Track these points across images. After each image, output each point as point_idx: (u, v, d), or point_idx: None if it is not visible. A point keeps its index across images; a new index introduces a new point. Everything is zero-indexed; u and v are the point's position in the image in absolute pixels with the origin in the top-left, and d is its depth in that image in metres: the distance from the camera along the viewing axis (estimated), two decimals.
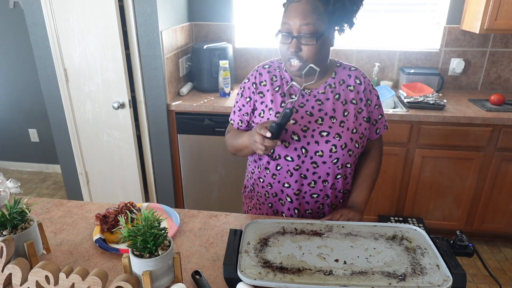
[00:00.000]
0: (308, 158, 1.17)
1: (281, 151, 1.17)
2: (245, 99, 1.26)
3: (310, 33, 1.06)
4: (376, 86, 2.76)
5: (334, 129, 1.15)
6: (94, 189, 2.74)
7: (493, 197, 2.44)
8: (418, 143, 2.36)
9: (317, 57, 1.11)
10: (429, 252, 0.93)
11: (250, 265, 0.89)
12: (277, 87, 1.22)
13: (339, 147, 1.15)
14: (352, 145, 1.17)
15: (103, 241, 1.07)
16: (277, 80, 1.22)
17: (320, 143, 1.15)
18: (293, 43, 1.08)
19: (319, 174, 1.19)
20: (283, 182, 1.22)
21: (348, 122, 1.17)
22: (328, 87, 1.20)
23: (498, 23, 2.30)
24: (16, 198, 0.96)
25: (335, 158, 1.16)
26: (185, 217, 1.22)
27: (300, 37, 1.07)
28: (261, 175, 1.27)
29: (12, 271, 0.87)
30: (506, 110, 2.31)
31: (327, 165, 1.18)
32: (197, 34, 2.92)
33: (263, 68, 1.26)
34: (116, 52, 2.26)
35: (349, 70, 1.22)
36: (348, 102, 1.19)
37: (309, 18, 1.05)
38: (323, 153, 1.15)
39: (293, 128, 1.15)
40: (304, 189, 1.22)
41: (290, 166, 1.19)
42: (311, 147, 1.15)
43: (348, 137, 1.16)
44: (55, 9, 2.24)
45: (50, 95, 2.48)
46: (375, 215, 2.61)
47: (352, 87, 1.20)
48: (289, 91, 1.20)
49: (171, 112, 2.49)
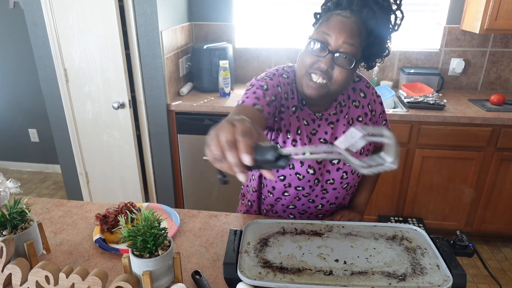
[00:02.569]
0: (319, 187, 1.14)
1: (293, 181, 1.10)
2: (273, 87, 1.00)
3: (350, 54, 0.94)
4: (376, 86, 2.76)
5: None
6: (94, 189, 2.74)
7: (493, 197, 2.44)
8: (418, 143, 2.36)
9: (345, 84, 0.98)
10: (429, 252, 0.93)
11: (250, 265, 0.89)
12: (293, 107, 1.06)
13: (350, 173, 1.12)
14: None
15: (103, 241, 1.07)
16: (294, 98, 1.06)
17: (331, 171, 1.11)
18: (327, 58, 0.94)
19: (327, 199, 1.18)
20: (288, 204, 1.19)
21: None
22: (339, 105, 1.11)
23: (498, 23, 2.30)
24: (16, 198, 0.96)
25: (345, 184, 1.14)
26: (185, 217, 1.22)
27: (339, 54, 0.94)
28: (265, 195, 1.22)
29: (12, 271, 0.87)
30: (506, 110, 2.31)
31: (337, 191, 1.16)
32: (197, 34, 2.92)
33: (282, 77, 1.05)
34: (116, 52, 2.26)
35: (353, 82, 1.14)
36: (354, 120, 1.12)
37: (354, 39, 0.94)
38: (334, 181, 1.13)
39: (310, 162, 1.06)
40: (310, 210, 1.20)
41: (299, 193, 1.15)
42: (322, 177, 1.12)
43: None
44: (55, 9, 2.24)
45: (50, 95, 2.48)
46: (375, 215, 2.61)
47: (357, 102, 1.13)
48: (301, 115, 1.07)
49: (171, 112, 2.49)
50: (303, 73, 0.99)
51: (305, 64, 0.98)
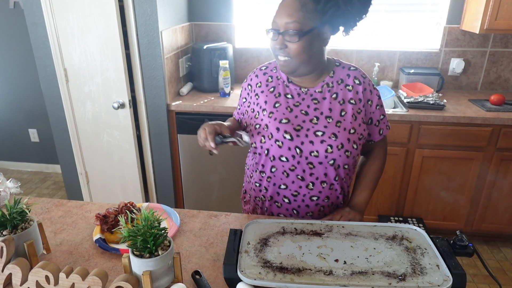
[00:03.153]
0: (303, 158, 1.14)
1: (275, 152, 1.15)
2: (242, 99, 1.30)
3: (294, 30, 1.05)
4: (376, 86, 2.75)
5: (330, 129, 1.13)
6: (94, 189, 2.74)
7: (493, 197, 2.44)
8: (418, 143, 2.36)
9: (305, 55, 1.09)
10: (429, 252, 0.93)
11: (250, 265, 0.89)
12: (272, 87, 1.21)
13: (335, 148, 1.12)
14: (349, 146, 1.13)
15: (103, 241, 1.07)
16: (272, 81, 1.22)
17: (315, 143, 1.13)
18: (279, 39, 1.09)
19: (316, 175, 1.16)
20: (279, 184, 1.20)
21: (345, 122, 1.14)
22: (326, 86, 1.18)
23: (498, 23, 2.30)
24: (16, 198, 0.96)
25: (331, 159, 1.13)
26: (185, 217, 1.22)
27: (284, 33, 1.07)
28: (257, 179, 1.26)
29: (12, 271, 0.87)
30: (506, 110, 2.31)
31: (323, 166, 1.15)
32: (197, 34, 2.92)
33: (260, 70, 1.27)
34: (116, 52, 2.26)
35: (348, 69, 1.20)
36: (346, 101, 1.16)
37: (294, 16, 1.05)
38: (319, 154, 1.13)
39: (286, 127, 1.13)
40: (303, 191, 1.19)
41: (285, 166, 1.16)
42: (305, 147, 1.13)
43: (345, 137, 1.13)
44: (55, 9, 2.24)
45: (50, 95, 2.48)
46: (375, 215, 2.61)
47: (351, 86, 1.17)
48: (284, 91, 1.20)
49: (171, 112, 2.49)
50: (275, 57, 1.16)
51: (271, 50, 1.15)
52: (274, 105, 1.18)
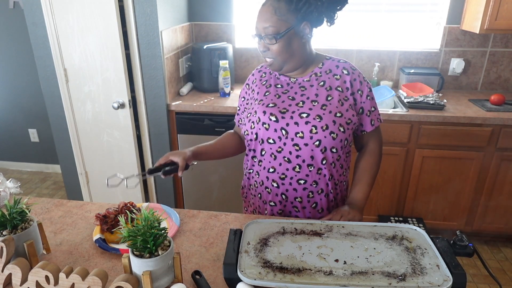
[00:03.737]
0: (289, 140, 1.18)
1: (263, 135, 1.20)
2: (241, 98, 1.38)
3: (270, 34, 1.14)
4: (376, 86, 2.76)
5: (315, 111, 1.17)
6: (94, 189, 2.74)
7: (493, 197, 2.44)
8: (418, 143, 2.36)
9: (286, 53, 1.17)
10: (429, 252, 0.93)
11: (250, 265, 0.89)
12: (264, 81, 1.30)
13: (320, 128, 1.15)
14: (335, 128, 1.15)
15: (103, 241, 1.07)
16: (265, 76, 1.32)
17: (300, 124, 1.17)
18: (261, 43, 1.19)
19: (302, 157, 1.18)
20: (268, 167, 1.23)
21: (331, 106, 1.18)
22: (314, 75, 1.24)
23: (498, 23, 2.30)
24: (16, 198, 0.96)
25: (316, 140, 1.15)
26: (185, 217, 1.22)
27: (264, 37, 1.16)
28: (250, 166, 1.31)
29: (12, 271, 0.87)
30: (506, 110, 2.31)
31: (309, 147, 1.17)
32: (197, 34, 2.92)
33: (256, 70, 1.37)
34: (116, 52, 2.26)
35: (338, 62, 1.25)
36: (333, 88, 1.21)
37: (269, 21, 1.14)
38: (304, 134, 1.16)
39: (272, 110, 1.19)
40: (289, 174, 1.21)
41: (273, 149, 1.20)
42: (290, 128, 1.17)
43: (330, 119, 1.16)
44: (55, 9, 2.24)
45: (50, 95, 2.48)
46: (375, 215, 2.61)
47: (339, 76, 1.23)
48: (275, 82, 1.28)
49: (171, 112, 2.49)
50: (263, 57, 1.23)
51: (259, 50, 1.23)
52: (264, 94, 1.26)
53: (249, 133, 1.24)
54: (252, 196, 1.35)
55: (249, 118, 1.25)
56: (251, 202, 1.37)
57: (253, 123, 1.22)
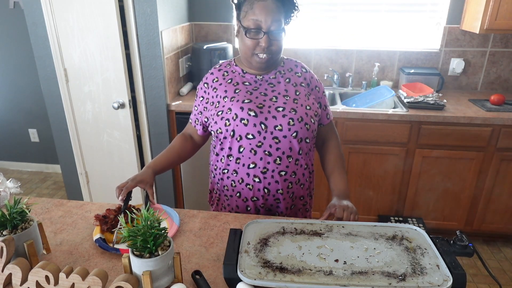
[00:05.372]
0: (268, 133, 1.20)
1: (241, 131, 1.20)
2: (198, 99, 1.36)
3: (279, 29, 1.17)
4: (376, 86, 2.76)
5: (289, 105, 1.22)
6: (94, 189, 2.74)
7: (493, 197, 2.44)
8: (418, 143, 2.36)
9: (280, 50, 1.23)
10: (429, 252, 0.93)
11: (250, 265, 0.89)
12: (229, 79, 1.30)
13: (296, 120, 1.21)
14: (308, 119, 1.23)
15: (103, 241, 1.07)
16: (228, 74, 1.32)
17: (277, 117, 1.20)
18: (264, 38, 1.17)
19: (282, 149, 1.22)
20: (248, 163, 1.23)
21: (300, 100, 1.25)
22: (278, 73, 1.29)
23: (498, 23, 2.30)
24: (16, 198, 0.96)
25: (294, 131, 1.21)
26: (185, 217, 1.22)
27: (271, 32, 1.16)
28: (225, 165, 1.28)
29: (12, 271, 0.87)
30: (506, 110, 2.31)
31: (288, 139, 1.21)
32: (197, 34, 2.92)
33: (214, 68, 1.36)
34: (116, 52, 2.26)
35: (295, 61, 1.34)
36: (298, 84, 1.28)
37: (278, 15, 1.16)
38: (282, 127, 1.20)
39: (249, 106, 1.21)
40: (271, 167, 1.23)
41: (252, 144, 1.21)
42: (269, 122, 1.20)
43: (303, 111, 1.23)
44: (55, 9, 2.24)
45: (50, 95, 2.48)
46: (375, 215, 2.61)
47: (299, 73, 1.31)
48: (242, 80, 1.28)
49: (171, 112, 2.49)
50: (249, 54, 1.21)
51: (248, 47, 1.19)
52: (235, 91, 1.26)
53: (222, 131, 1.22)
54: (227, 197, 1.33)
55: (221, 116, 1.23)
56: (225, 204, 1.35)
57: (228, 120, 1.21)
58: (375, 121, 2.33)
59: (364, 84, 2.78)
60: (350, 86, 2.82)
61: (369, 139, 2.38)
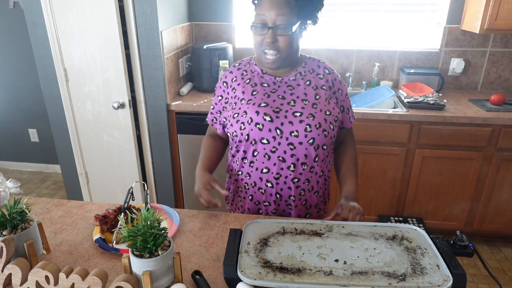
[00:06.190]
0: (284, 139, 1.17)
1: (256, 135, 1.18)
2: (217, 97, 1.33)
3: (285, 23, 1.11)
4: (376, 86, 2.76)
5: (307, 110, 1.18)
6: (94, 189, 2.74)
7: (493, 197, 2.44)
8: (418, 143, 2.36)
9: (291, 48, 1.16)
10: (429, 252, 0.93)
11: (250, 265, 0.89)
12: (248, 79, 1.26)
13: (314, 126, 1.17)
14: (326, 126, 1.19)
15: (103, 241, 1.07)
16: (247, 74, 1.28)
17: (294, 123, 1.17)
18: (269, 33, 1.12)
19: (297, 156, 1.19)
20: (261, 168, 1.22)
21: (320, 105, 1.20)
22: (299, 75, 1.24)
23: (498, 23, 2.30)
24: (16, 198, 0.96)
25: (310, 138, 1.17)
26: (185, 217, 1.22)
27: (276, 27, 1.11)
28: (239, 168, 1.27)
29: (12, 271, 0.87)
30: (506, 110, 2.31)
31: (303, 146, 1.18)
32: (197, 34, 2.92)
33: (233, 67, 1.32)
34: (116, 52, 2.26)
35: (318, 61, 1.29)
36: (318, 87, 1.23)
37: (284, 9, 1.10)
38: (299, 133, 1.16)
39: (265, 110, 1.17)
40: (284, 173, 1.21)
41: (266, 149, 1.19)
42: (285, 128, 1.17)
43: (321, 117, 1.18)
44: (55, 9, 2.24)
45: (50, 95, 2.48)
46: (375, 215, 2.61)
47: (322, 75, 1.25)
48: (260, 81, 1.25)
49: (171, 112, 2.49)
50: (259, 52, 1.18)
51: (256, 46, 1.17)
52: (252, 93, 1.23)
53: (237, 134, 1.21)
54: (241, 198, 1.32)
55: (236, 119, 1.21)
56: (239, 205, 1.35)
57: (243, 123, 1.18)
58: (375, 121, 2.33)
59: (364, 84, 2.78)
60: (350, 86, 2.82)
61: (369, 139, 2.38)
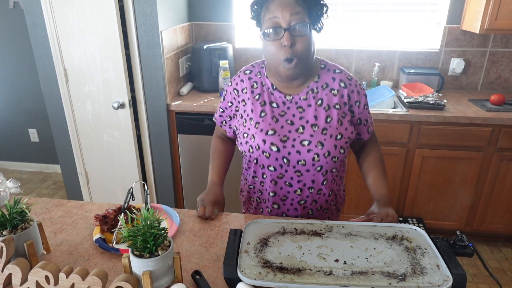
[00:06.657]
0: (291, 167, 1.16)
1: (263, 161, 1.17)
2: (227, 102, 1.27)
3: (301, 22, 1.03)
4: (376, 86, 2.76)
5: (316, 137, 1.12)
6: (94, 189, 2.74)
7: (493, 197, 2.44)
8: (418, 143, 2.36)
9: (309, 50, 1.08)
10: (429, 252, 0.93)
11: (250, 265, 0.89)
12: (257, 95, 1.19)
13: (322, 156, 1.12)
14: (336, 152, 1.13)
15: (103, 241, 1.07)
16: (257, 87, 1.19)
17: (301, 152, 1.13)
18: (285, 36, 1.03)
19: (304, 181, 1.18)
20: (269, 191, 1.23)
21: (331, 129, 1.13)
22: (310, 92, 1.16)
23: (498, 23, 2.30)
24: (16, 198, 0.96)
25: (318, 166, 1.15)
26: (185, 217, 1.22)
27: (293, 28, 1.03)
28: (250, 183, 1.29)
29: (12, 271, 0.87)
30: (506, 110, 2.31)
31: (311, 173, 1.16)
32: (197, 34, 2.92)
33: (244, 73, 1.23)
34: (116, 52, 2.26)
35: (333, 72, 1.18)
36: (331, 107, 1.15)
37: (298, 7, 1.04)
38: (306, 162, 1.14)
39: (272, 139, 1.13)
40: (291, 196, 1.22)
41: (273, 175, 1.19)
42: (292, 157, 1.14)
43: (331, 144, 1.12)
44: (55, 9, 2.24)
45: (50, 95, 2.48)
46: None
47: (336, 91, 1.16)
48: (269, 99, 1.17)
49: (171, 112, 2.49)
50: (276, 63, 1.08)
51: (272, 53, 1.07)
52: (260, 115, 1.16)
53: (246, 155, 1.20)
54: (252, 206, 1.36)
55: (246, 140, 1.18)
56: (254, 205, 1.36)
57: (251, 147, 1.16)
58: (375, 121, 2.33)
59: (364, 84, 2.78)
60: None
61: None
